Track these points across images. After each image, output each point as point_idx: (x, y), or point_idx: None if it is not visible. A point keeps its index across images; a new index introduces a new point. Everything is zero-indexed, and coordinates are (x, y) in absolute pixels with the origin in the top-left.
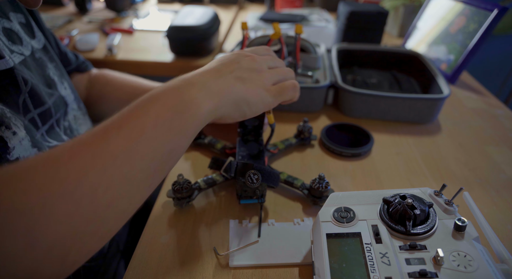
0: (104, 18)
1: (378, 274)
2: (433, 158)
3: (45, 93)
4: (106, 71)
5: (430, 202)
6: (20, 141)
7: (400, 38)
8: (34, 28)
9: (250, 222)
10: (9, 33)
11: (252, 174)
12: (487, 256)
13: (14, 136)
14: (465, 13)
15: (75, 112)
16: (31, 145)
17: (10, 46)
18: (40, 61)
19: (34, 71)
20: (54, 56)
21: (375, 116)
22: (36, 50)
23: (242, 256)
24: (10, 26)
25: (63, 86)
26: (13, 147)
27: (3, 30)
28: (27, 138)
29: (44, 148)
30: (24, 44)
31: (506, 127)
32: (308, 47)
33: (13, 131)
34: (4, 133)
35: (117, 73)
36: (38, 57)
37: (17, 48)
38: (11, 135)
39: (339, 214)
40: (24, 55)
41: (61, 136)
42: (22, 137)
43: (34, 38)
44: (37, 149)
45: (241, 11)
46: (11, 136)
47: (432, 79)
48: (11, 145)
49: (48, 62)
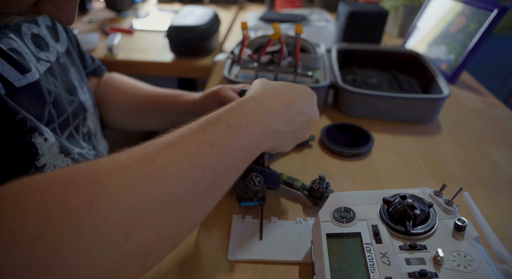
0: (104, 18)
1: (378, 274)
2: (433, 158)
3: (66, 101)
4: (113, 75)
5: (430, 202)
6: (49, 147)
7: (400, 38)
8: (59, 30)
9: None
10: (37, 39)
11: (254, 176)
12: (487, 256)
13: (45, 142)
14: (465, 13)
15: (93, 116)
16: (59, 151)
17: (37, 53)
18: (64, 66)
19: (58, 78)
20: (76, 60)
21: (375, 116)
22: (61, 55)
23: (242, 251)
24: (39, 32)
25: (82, 91)
26: (42, 153)
27: (32, 36)
28: (56, 144)
29: (72, 153)
30: (51, 49)
31: (506, 127)
32: (308, 47)
33: (45, 137)
34: (36, 140)
35: (125, 77)
36: (62, 62)
37: (44, 55)
38: (43, 142)
39: (339, 214)
40: (50, 61)
41: (80, 143)
42: (52, 143)
43: (59, 42)
44: (63, 155)
45: (241, 11)
46: (42, 143)
47: (432, 79)
48: (41, 152)
49: (70, 66)
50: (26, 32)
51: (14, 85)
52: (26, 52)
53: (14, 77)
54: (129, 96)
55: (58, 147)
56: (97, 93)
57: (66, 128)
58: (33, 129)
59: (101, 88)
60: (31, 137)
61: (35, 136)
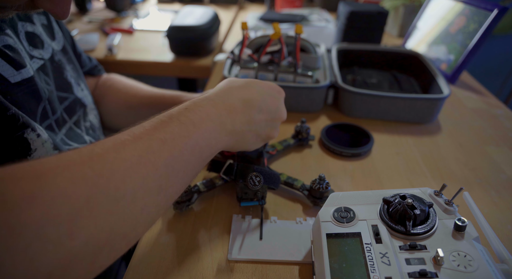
0: (104, 18)
1: (378, 274)
2: (433, 158)
3: (58, 98)
4: (112, 75)
5: (430, 202)
6: (42, 143)
7: (400, 38)
8: (54, 29)
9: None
10: (32, 37)
11: (254, 176)
12: (487, 256)
13: (38, 138)
14: (465, 13)
15: (95, 112)
16: (53, 147)
17: (30, 51)
18: (59, 63)
19: (51, 76)
20: (72, 58)
21: (375, 116)
22: (56, 52)
23: (242, 251)
24: (33, 29)
25: (79, 88)
26: (35, 149)
27: (26, 34)
28: (49, 140)
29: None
30: (45, 46)
31: (506, 127)
32: (308, 47)
33: (38, 133)
34: (29, 135)
35: (124, 78)
36: (58, 60)
37: (38, 53)
38: (35, 137)
39: (339, 214)
40: (44, 59)
41: (83, 137)
42: (45, 139)
43: (54, 40)
44: (57, 151)
45: (241, 11)
46: (35, 138)
47: (432, 79)
48: (33, 147)
49: (67, 64)
50: (21, 30)
51: (9, 81)
52: (21, 48)
53: (9, 73)
54: (128, 97)
55: (51, 144)
56: (96, 94)
57: (64, 124)
58: (25, 125)
59: (100, 89)
60: (24, 133)
61: (27, 131)
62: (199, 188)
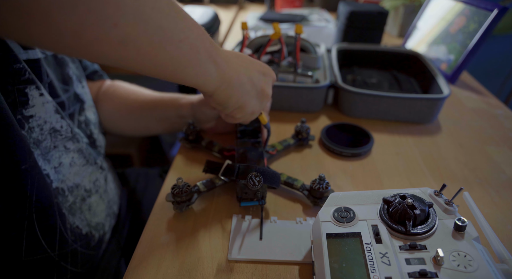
0: None
1: (378, 274)
2: (433, 158)
3: (60, 88)
4: (116, 82)
5: (430, 202)
6: (43, 103)
7: (400, 38)
8: None
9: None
10: None
11: (253, 176)
12: (487, 256)
13: (39, 97)
14: (465, 13)
15: (94, 109)
16: (55, 110)
17: None
18: (62, 60)
19: (52, 68)
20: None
21: (375, 116)
22: None
23: (242, 251)
24: None
25: (80, 85)
26: (33, 105)
27: None
28: (52, 103)
29: (66, 118)
30: None
31: (506, 127)
32: (308, 47)
33: (41, 92)
34: (30, 91)
35: (126, 84)
36: (60, 57)
37: None
38: (37, 95)
39: (339, 214)
40: (46, 54)
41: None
42: (47, 100)
43: None
44: (60, 116)
45: (241, 11)
46: (36, 96)
47: (432, 79)
48: (32, 103)
49: (70, 61)
50: None
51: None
52: None
53: (17, 49)
54: (130, 101)
55: (54, 107)
56: (98, 100)
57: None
58: (30, 81)
59: (102, 95)
60: (26, 87)
61: (30, 88)
62: (199, 188)
